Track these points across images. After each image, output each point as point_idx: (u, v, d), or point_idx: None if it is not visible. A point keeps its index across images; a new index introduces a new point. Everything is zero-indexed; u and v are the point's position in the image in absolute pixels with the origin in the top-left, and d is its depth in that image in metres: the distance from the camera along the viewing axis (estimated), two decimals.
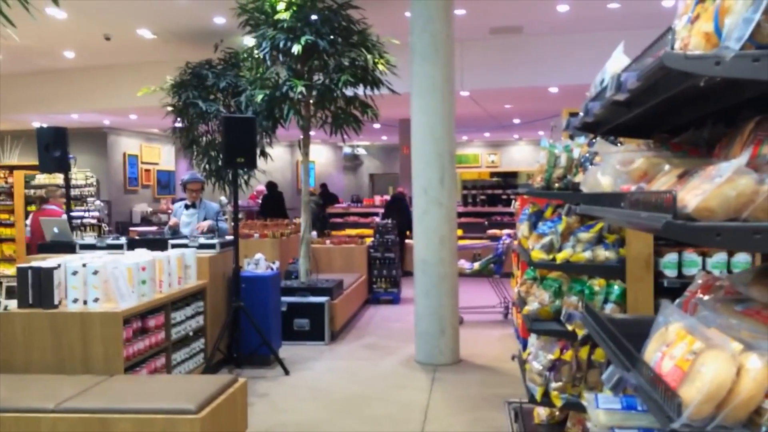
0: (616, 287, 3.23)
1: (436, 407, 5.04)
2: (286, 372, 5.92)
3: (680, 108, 1.69)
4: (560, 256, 3.29)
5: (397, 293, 9.79)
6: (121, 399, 3.66)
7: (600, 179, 1.71)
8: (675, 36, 1.37)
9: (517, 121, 15.23)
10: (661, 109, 1.63)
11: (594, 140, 3.50)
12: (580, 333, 3.17)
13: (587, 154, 3.42)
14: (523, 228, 4.05)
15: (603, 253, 3.25)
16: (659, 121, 1.88)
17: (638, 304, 3.14)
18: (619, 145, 2.31)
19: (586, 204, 1.88)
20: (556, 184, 3.51)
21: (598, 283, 3.29)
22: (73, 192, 9.48)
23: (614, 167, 1.61)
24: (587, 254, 3.26)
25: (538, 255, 3.41)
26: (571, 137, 4.16)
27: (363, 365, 6.34)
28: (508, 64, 9.92)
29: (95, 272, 4.35)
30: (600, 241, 3.33)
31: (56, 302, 4.31)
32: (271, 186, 13.94)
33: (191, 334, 5.38)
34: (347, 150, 21.14)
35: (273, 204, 13.47)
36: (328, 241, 10.07)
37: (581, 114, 1.96)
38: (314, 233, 9.65)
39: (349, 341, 7.33)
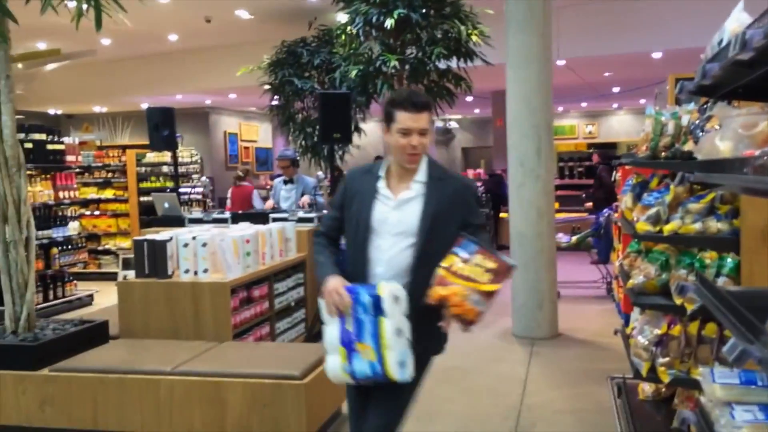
0: (729, 260, 3.08)
1: (535, 381, 5.01)
2: None
3: None
4: (668, 228, 3.17)
5: None
6: (231, 364, 3.86)
7: (718, 145, 1.63)
8: None
9: (616, 89, 14.63)
10: None
11: (706, 106, 3.33)
12: (690, 307, 3.05)
13: (697, 121, 3.26)
14: (626, 199, 3.92)
15: (715, 225, 3.10)
16: None
17: (754, 278, 2.98)
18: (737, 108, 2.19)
19: (701, 172, 1.80)
20: (663, 153, 3.36)
21: (709, 256, 3.15)
22: (180, 169, 9.96)
23: (735, 131, 1.53)
24: (697, 226, 3.12)
25: (643, 227, 3.29)
26: (679, 103, 3.97)
27: (459, 337, 6.33)
28: (608, 29, 9.51)
29: (204, 244, 4.58)
30: (711, 212, 3.17)
31: (170, 272, 4.58)
32: (379, 160, 14.07)
33: (293, 304, 5.58)
34: (439, 124, 21.02)
35: None
36: None
37: (697, 77, 1.88)
38: None
39: None
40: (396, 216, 2.53)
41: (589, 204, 11.10)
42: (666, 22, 9.02)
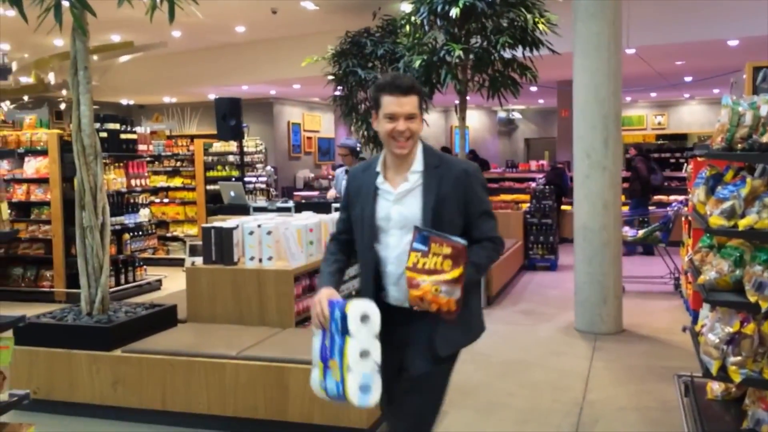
0: None
1: (598, 376, 4.91)
2: None
3: None
4: (743, 223, 3.05)
5: (554, 260, 9.57)
6: (294, 350, 3.93)
7: None
8: None
9: (688, 78, 14.10)
10: None
11: None
12: (765, 305, 2.94)
13: None
14: (699, 192, 3.78)
15: None
16: None
17: None
18: None
19: None
20: (740, 145, 3.23)
21: None
22: (245, 159, 10.16)
23: None
24: None
25: (717, 221, 3.17)
26: (757, 93, 3.80)
27: (520, 330, 6.30)
28: (681, 16, 9.15)
29: (269, 233, 4.67)
30: None
31: (236, 260, 4.69)
32: (445, 151, 14.04)
33: (354, 293, 5.62)
34: (502, 114, 20.77)
35: None
36: None
37: None
38: None
39: (505, 306, 7.30)
40: (397, 210, 2.43)
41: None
42: (743, 8, 8.62)
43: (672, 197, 10.85)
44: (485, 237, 2.47)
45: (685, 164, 7.09)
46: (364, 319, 2.28)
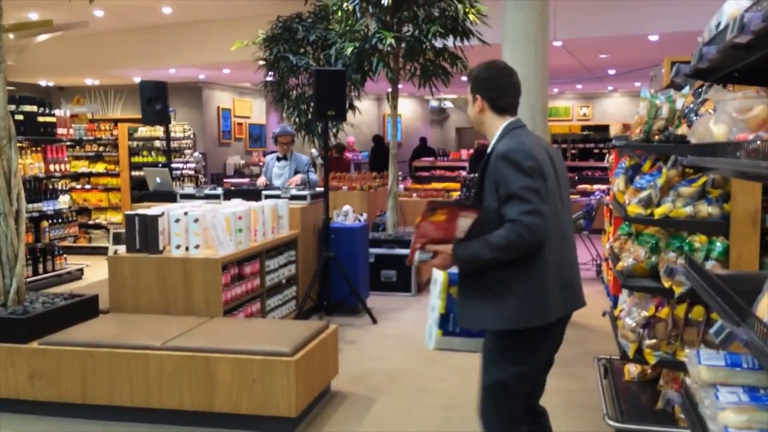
0: (718, 244, 3.11)
1: None
2: (374, 321, 6.07)
3: None
4: (659, 211, 3.19)
5: None
6: (221, 340, 3.87)
7: (712, 128, 1.62)
8: None
9: (612, 71, 14.58)
10: None
11: (701, 90, 3.33)
12: (678, 290, 3.08)
13: (691, 105, 3.26)
14: (618, 182, 3.93)
15: (705, 209, 3.12)
16: None
17: (742, 262, 3.01)
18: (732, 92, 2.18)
19: (694, 155, 1.80)
20: (656, 137, 3.37)
21: (698, 240, 3.17)
22: (173, 144, 9.88)
23: (730, 115, 1.52)
24: (688, 209, 3.14)
25: (634, 210, 3.30)
26: (674, 87, 3.96)
27: None
28: (606, 11, 9.45)
29: (196, 220, 4.56)
30: (702, 196, 3.19)
31: (161, 248, 4.56)
32: (378, 139, 14.01)
33: (284, 281, 5.58)
34: (434, 103, 20.92)
35: (382, 157, 13.54)
36: (414, 195, 10.11)
37: (693, 60, 1.87)
38: (401, 186, 9.70)
39: None
40: None
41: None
42: (663, 5, 8.97)
43: (595, 186, 11.21)
44: (507, 220, 2.40)
45: (607, 155, 7.34)
46: (434, 282, 2.87)
